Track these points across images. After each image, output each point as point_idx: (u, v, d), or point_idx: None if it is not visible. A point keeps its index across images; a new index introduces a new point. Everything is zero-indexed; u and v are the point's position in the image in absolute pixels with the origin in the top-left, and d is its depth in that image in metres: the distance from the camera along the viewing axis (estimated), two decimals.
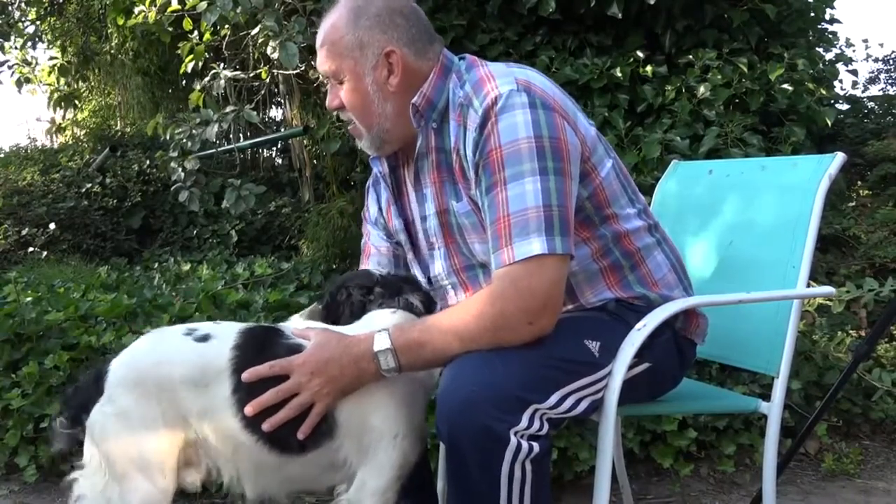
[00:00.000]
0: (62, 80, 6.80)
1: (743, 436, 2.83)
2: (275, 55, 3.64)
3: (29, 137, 8.33)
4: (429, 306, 1.68)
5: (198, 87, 4.07)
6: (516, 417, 1.37)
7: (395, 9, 1.60)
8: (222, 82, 3.99)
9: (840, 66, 4.47)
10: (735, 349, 1.92)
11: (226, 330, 1.54)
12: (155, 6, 4.11)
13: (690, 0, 3.88)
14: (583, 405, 1.47)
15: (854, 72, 5.67)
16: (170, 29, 4.20)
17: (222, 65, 4.50)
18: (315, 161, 5.50)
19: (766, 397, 1.80)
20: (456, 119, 1.57)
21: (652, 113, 3.88)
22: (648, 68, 3.86)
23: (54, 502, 2.59)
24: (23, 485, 2.67)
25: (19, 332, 2.81)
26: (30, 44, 6.94)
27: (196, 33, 4.07)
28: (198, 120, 3.94)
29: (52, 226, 5.66)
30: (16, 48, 7.10)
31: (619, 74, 3.80)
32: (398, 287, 1.66)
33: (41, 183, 6.15)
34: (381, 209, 1.83)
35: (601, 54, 3.94)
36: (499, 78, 1.53)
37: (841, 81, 7.64)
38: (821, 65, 4.19)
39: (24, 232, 5.60)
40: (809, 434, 2.37)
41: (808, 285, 1.85)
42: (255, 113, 4.11)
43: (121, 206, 6.04)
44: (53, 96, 7.03)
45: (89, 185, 6.07)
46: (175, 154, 4.08)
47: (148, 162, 6.26)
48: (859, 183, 5.24)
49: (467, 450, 1.37)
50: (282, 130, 6.11)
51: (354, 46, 1.58)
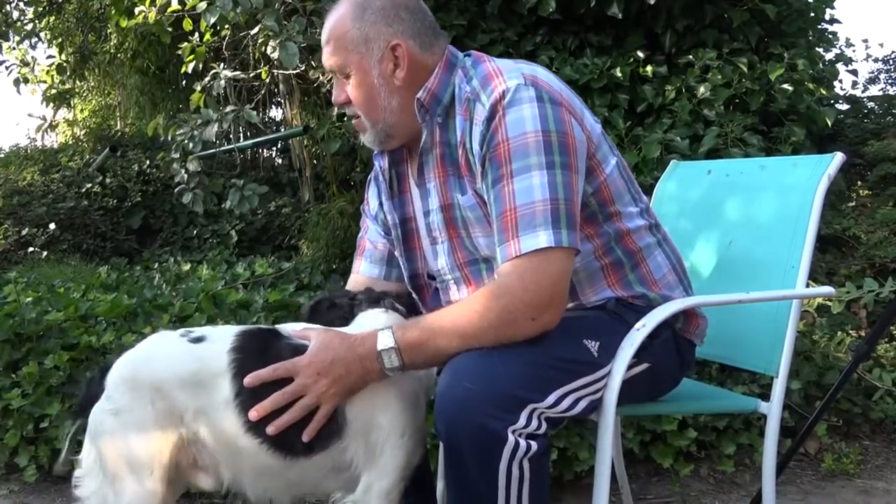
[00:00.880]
0: (57, 78, 6.79)
1: (743, 436, 2.83)
2: (275, 55, 3.64)
3: (29, 137, 8.34)
4: (411, 310, 1.69)
5: (198, 88, 4.08)
6: (514, 416, 1.37)
7: (400, 3, 1.60)
8: (222, 82, 3.99)
9: (840, 66, 4.48)
10: (735, 349, 1.92)
11: (224, 331, 1.53)
12: (155, 6, 4.11)
13: (690, 0, 3.88)
14: (581, 405, 1.47)
15: (854, 72, 5.67)
16: (170, 29, 4.20)
17: (222, 65, 4.49)
18: (315, 161, 5.50)
19: (766, 397, 1.80)
20: (462, 114, 1.57)
21: (652, 113, 3.88)
22: (648, 68, 3.86)
23: (54, 502, 2.59)
24: (23, 485, 2.67)
25: (19, 332, 2.80)
26: (28, 43, 6.93)
27: (196, 33, 4.07)
28: (199, 120, 3.94)
29: (52, 226, 5.65)
30: (14, 47, 7.09)
31: (619, 74, 3.80)
32: (379, 295, 1.68)
33: (41, 183, 6.15)
34: (382, 204, 1.83)
35: (601, 54, 3.94)
36: (506, 73, 1.53)
37: (841, 81, 7.65)
38: (821, 65, 4.20)
39: (24, 232, 5.59)
40: (809, 434, 2.37)
41: (808, 285, 1.85)
42: (255, 113, 4.11)
43: (121, 206, 6.04)
44: (48, 93, 7.02)
45: (89, 185, 6.07)
46: (177, 155, 4.09)
47: (148, 162, 6.26)
48: (859, 183, 5.23)
49: (465, 448, 1.37)
50: (282, 130, 6.09)
51: (360, 41, 1.58)
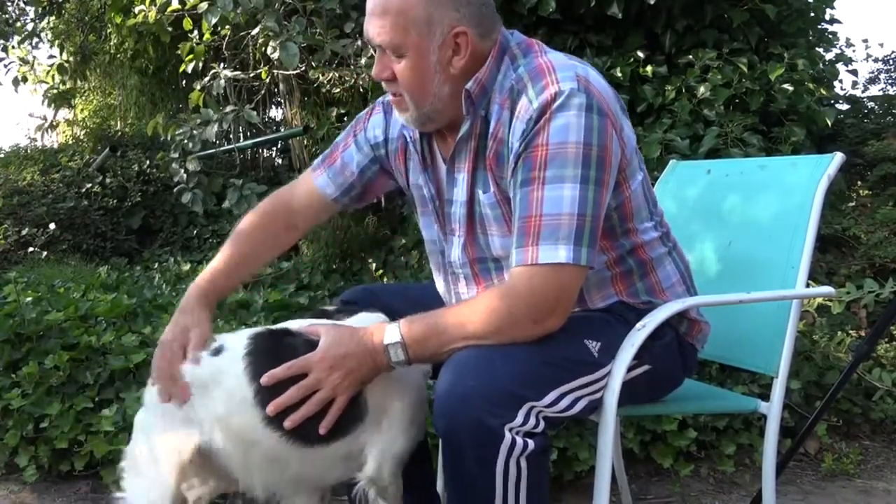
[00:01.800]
0: (58, 78, 6.79)
1: (743, 436, 2.83)
2: (275, 55, 3.64)
3: (29, 137, 8.33)
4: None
5: (198, 87, 4.08)
6: (512, 413, 1.37)
7: None
8: (222, 82, 3.99)
9: (840, 66, 4.48)
10: (735, 349, 1.92)
11: (237, 337, 1.59)
12: (155, 6, 4.11)
13: (690, 0, 3.88)
14: (580, 405, 1.47)
15: (854, 72, 5.68)
16: (170, 29, 4.20)
17: (222, 65, 4.50)
18: None
19: (766, 397, 1.80)
20: (500, 102, 1.51)
21: (652, 113, 3.88)
22: (648, 68, 3.86)
23: (54, 502, 2.59)
24: (23, 485, 2.67)
25: (19, 332, 2.80)
26: (28, 42, 6.92)
27: (196, 33, 4.07)
28: (198, 120, 3.94)
29: (52, 226, 5.65)
30: (14, 46, 7.09)
31: (619, 74, 3.80)
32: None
33: (41, 183, 6.15)
34: (409, 171, 1.73)
35: (601, 54, 3.94)
36: (560, 71, 1.46)
37: (841, 81, 7.65)
38: (821, 65, 4.20)
39: (24, 232, 5.60)
40: (809, 434, 2.37)
41: (808, 285, 1.85)
42: (255, 113, 4.11)
43: (121, 206, 6.04)
44: (49, 94, 7.02)
45: (89, 185, 6.08)
46: (176, 155, 4.09)
47: (148, 162, 6.26)
48: (859, 183, 5.22)
49: (463, 445, 1.37)
50: (282, 130, 6.09)
51: (423, 21, 1.47)
